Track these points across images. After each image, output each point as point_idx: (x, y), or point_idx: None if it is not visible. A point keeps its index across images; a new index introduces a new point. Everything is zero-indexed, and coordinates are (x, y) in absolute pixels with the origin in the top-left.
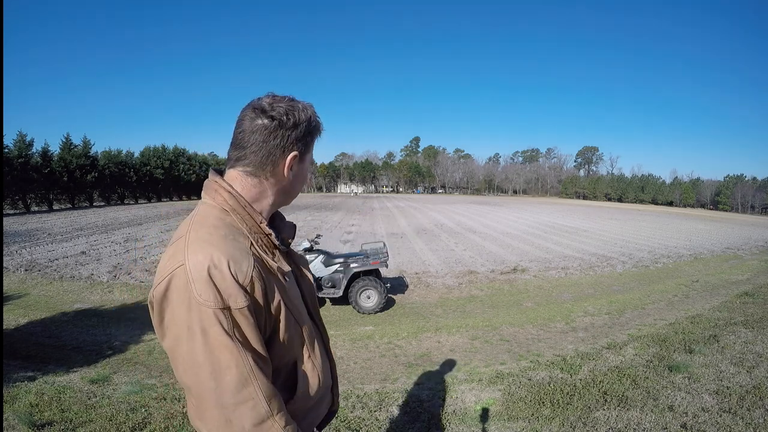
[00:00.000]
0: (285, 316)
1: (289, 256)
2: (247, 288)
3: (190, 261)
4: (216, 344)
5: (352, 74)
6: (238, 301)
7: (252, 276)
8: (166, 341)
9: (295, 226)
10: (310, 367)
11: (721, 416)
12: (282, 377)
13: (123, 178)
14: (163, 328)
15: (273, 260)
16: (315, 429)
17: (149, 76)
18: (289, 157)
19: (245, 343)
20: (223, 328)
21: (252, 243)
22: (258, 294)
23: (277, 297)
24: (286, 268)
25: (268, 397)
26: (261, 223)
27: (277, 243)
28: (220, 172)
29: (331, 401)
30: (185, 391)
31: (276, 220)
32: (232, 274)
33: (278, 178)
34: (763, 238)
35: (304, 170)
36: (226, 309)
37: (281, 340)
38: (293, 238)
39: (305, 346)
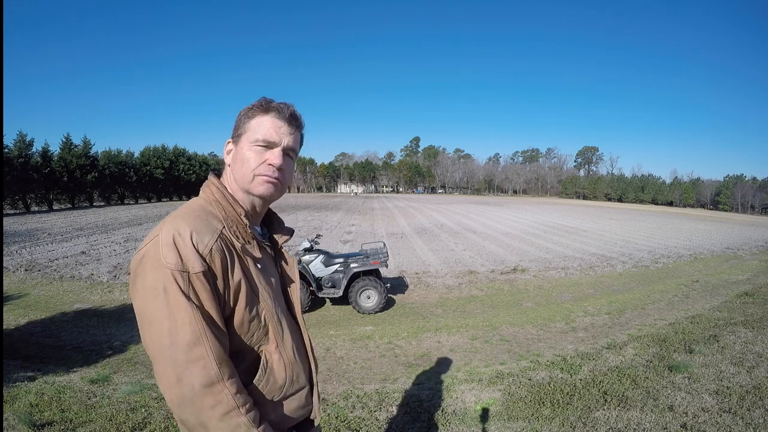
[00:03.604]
0: (246, 295)
1: (278, 254)
2: (206, 258)
3: (162, 232)
4: (174, 302)
5: (352, 74)
6: (194, 266)
7: (212, 249)
8: (137, 301)
9: (292, 230)
10: (277, 359)
11: (721, 416)
12: (247, 362)
13: (123, 178)
14: (135, 289)
15: (244, 244)
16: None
17: (149, 76)
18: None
19: (200, 306)
20: (180, 288)
21: (225, 227)
22: (217, 266)
23: (238, 275)
24: (257, 254)
25: (219, 360)
26: (241, 215)
27: (250, 231)
28: (218, 174)
29: (310, 408)
30: (150, 358)
31: (273, 223)
32: (192, 243)
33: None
34: (763, 238)
35: (240, 152)
36: (185, 272)
37: (242, 318)
38: (283, 237)
39: (274, 336)
